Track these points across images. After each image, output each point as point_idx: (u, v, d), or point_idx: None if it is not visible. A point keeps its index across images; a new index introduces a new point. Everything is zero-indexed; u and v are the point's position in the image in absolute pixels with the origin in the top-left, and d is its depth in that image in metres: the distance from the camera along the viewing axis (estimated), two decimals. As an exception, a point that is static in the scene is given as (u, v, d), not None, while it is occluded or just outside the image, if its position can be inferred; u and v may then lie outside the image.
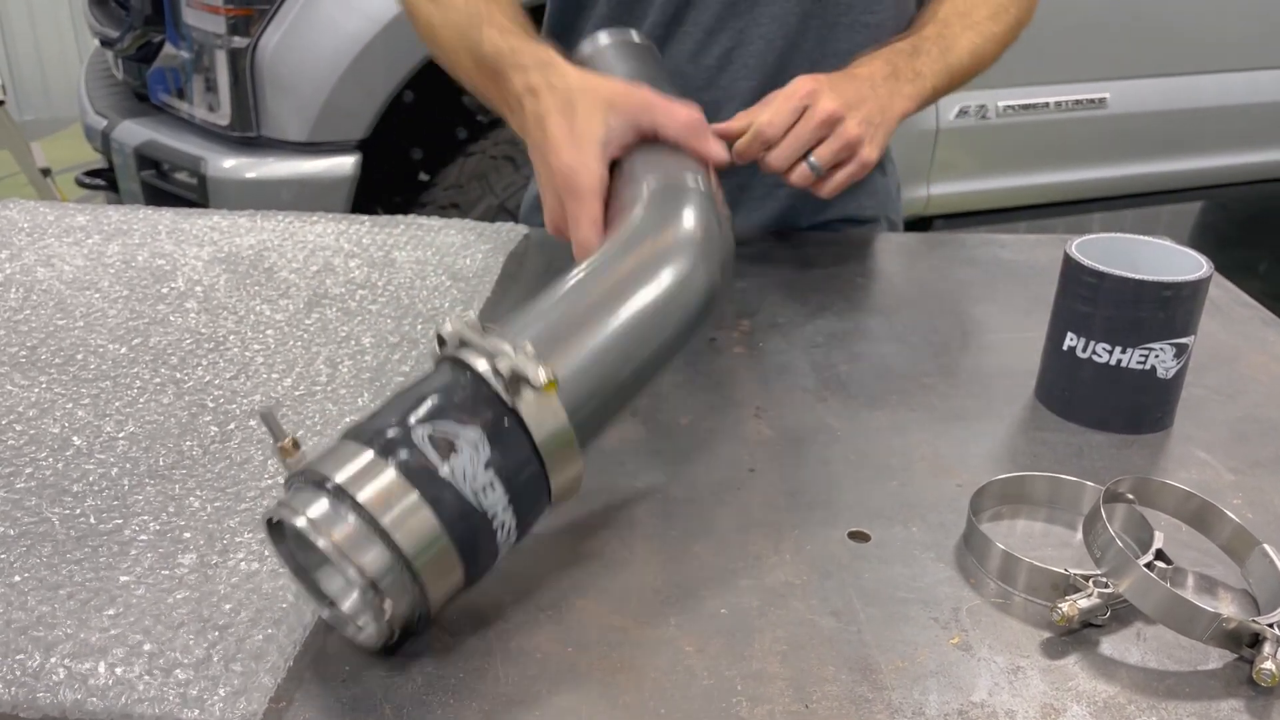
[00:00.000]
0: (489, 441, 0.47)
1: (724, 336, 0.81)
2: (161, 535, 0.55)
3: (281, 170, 1.91)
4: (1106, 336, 0.67)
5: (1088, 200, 2.54)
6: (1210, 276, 0.68)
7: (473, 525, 0.47)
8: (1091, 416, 0.69)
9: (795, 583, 0.54)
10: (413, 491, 0.45)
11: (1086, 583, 0.52)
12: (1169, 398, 0.69)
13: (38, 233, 0.92)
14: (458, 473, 0.46)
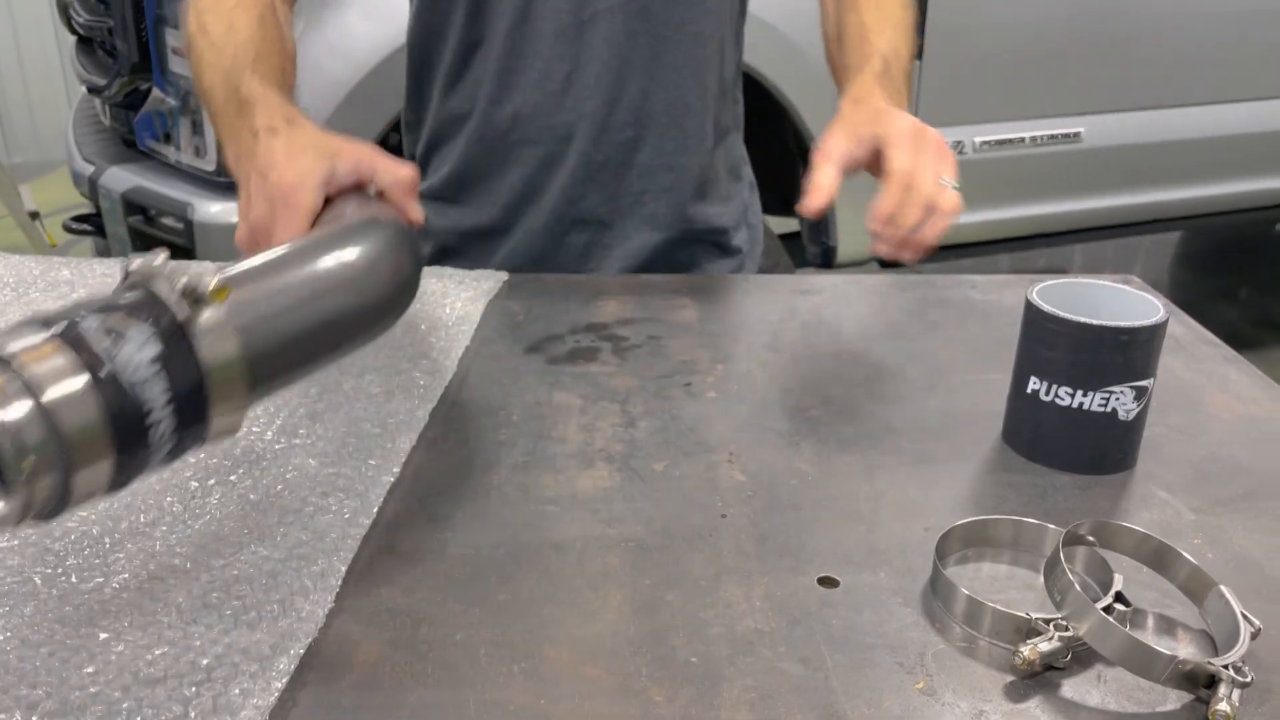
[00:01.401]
0: (157, 341, 0.49)
1: (698, 381, 0.82)
2: (141, 592, 0.56)
3: (267, 214, 1.92)
4: (1068, 380, 0.69)
5: (1065, 233, 2.57)
6: (1166, 321, 0.70)
7: (126, 411, 0.47)
8: (1056, 458, 0.71)
9: (765, 630, 0.55)
10: (76, 361, 0.46)
11: (1048, 626, 0.53)
12: (1130, 439, 0.71)
13: (23, 286, 0.93)
14: (120, 359, 0.47)
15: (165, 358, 0.49)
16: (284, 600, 0.56)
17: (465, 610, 0.56)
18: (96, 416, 0.46)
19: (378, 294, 0.65)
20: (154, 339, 0.49)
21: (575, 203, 1.07)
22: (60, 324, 0.48)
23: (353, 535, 0.61)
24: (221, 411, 0.52)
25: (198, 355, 0.50)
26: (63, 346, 0.47)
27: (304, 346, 0.59)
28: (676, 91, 1.05)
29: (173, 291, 0.50)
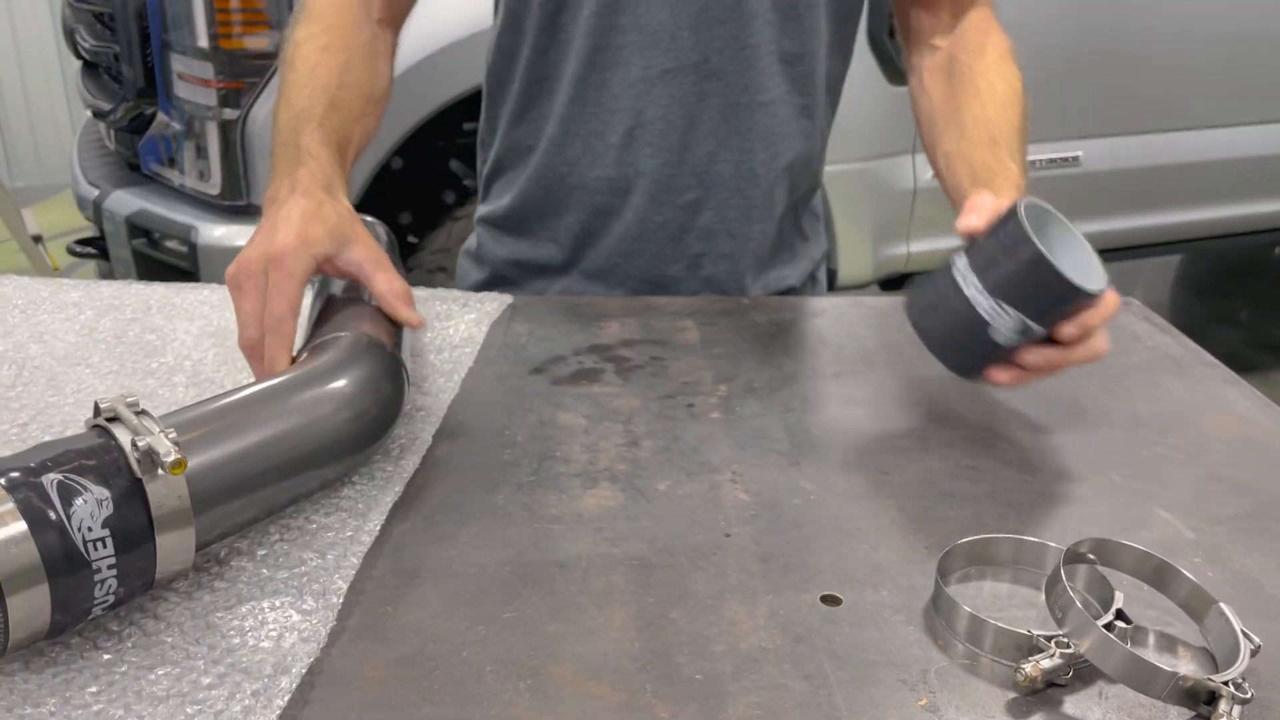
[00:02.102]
0: (112, 503, 0.52)
1: (701, 402, 0.83)
2: (143, 612, 0.56)
3: (271, 238, 1.94)
4: (989, 283, 0.71)
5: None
6: (1099, 294, 0.71)
7: (74, 571, 0.50)
8: (929, 332, 0.75)
9: (769, 647, 0.56)
10: (21, 523, 0.49)
11: (1049, 644, 0.53)
12: (989, 358, 0.74)
13: (31, 308, 0.94)
14: (74, 520, 0.50)
15: (117, 520, 0.52)
16: (286, 619, 0.56)
17: (471, 628, 0.57)
18: (41, 567, 0.49)
19: (347, 453, 0.67)
20: (109, 502, 0.52)
21: (630, 258, 1.05)
22: (12, 474, 0.50)
23: (355, 554, 0.62)
24: (169, 565, 0.55)
25: (150, 519, 0.53)
26: (11, 506, 0.49)
27: (260, 506, 0.62)
28: (744, 159, 1.02)
29: (134, 449, 0.53)
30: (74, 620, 0.52)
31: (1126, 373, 0.88)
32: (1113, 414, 0.82)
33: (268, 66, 1.89)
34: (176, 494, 0.54)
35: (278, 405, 0.63)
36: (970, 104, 0.91)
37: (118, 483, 0.53)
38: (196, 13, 1.85)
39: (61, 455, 0.53)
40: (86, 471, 0.52)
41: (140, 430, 0.54)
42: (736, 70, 0.98)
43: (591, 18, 0.97)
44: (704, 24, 0.96)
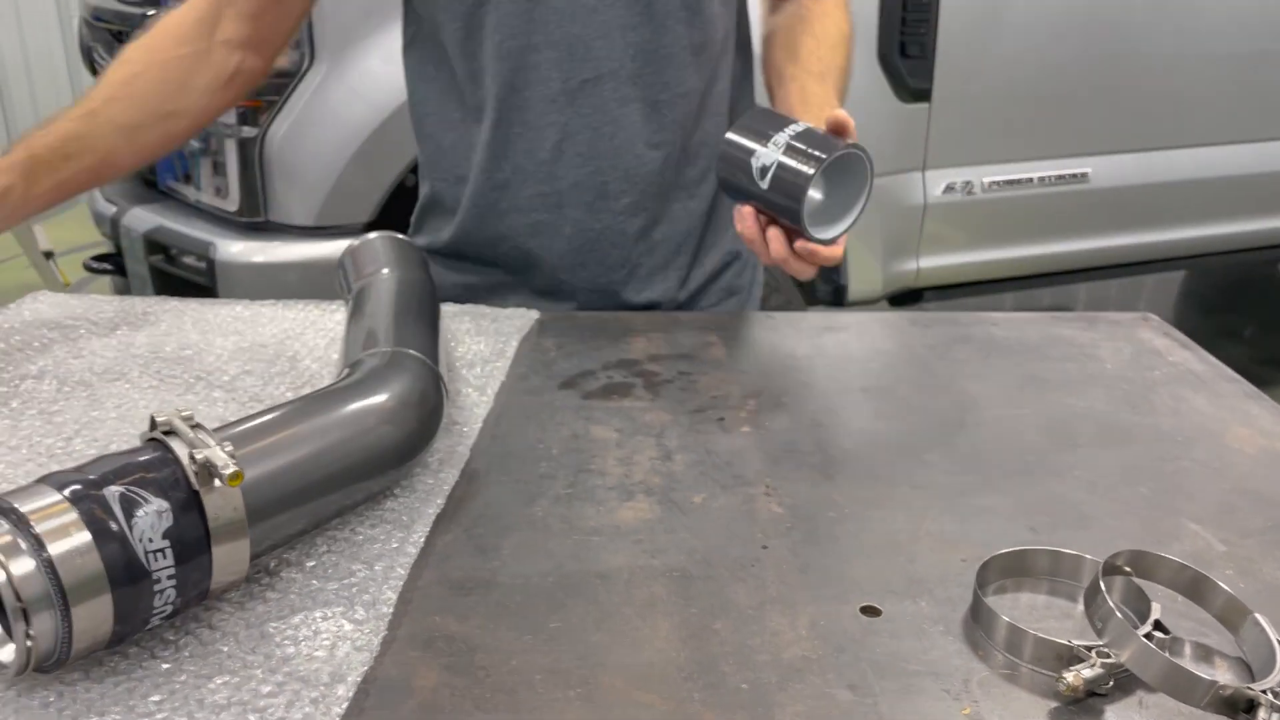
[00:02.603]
0: (171, 515, 0.53)
1: (731, 416, 0.84)
2: (198, 622, 0.57)
3: (289, 254, 1.96)
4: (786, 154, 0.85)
5: (1072, 271, 2.60)
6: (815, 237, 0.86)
7: (136, 581, 0.52)
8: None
9: (812, 657, 0.57)
10: (85, 533, 0.50)
11: (1090, 653, 0.54)
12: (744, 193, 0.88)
13: (66, 325, 0.95)
14: (136, 531, 0.52)
15: (176, 531, 0.53)
16: (338, 629, 0.57)
17: (518, 638, 0.58)
18: (104, 586, 0.50)
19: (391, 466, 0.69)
20: (168, 512, 0.53)
21: (574, 271, 1.07)
22: (76, 486, 0.52)
23: (401, 565, 0.63)
24: (223, 576, 0.56)
25: (207, 530, 0.54)
26: (76, 517, 0.50)
27: (308, 518, 0.63)
28: (671, 152, 1.05)
29: (192, 462, 0.54)
30: (133, 630, 0.53)
31: (1150, 388, 0.89)
32: (1138, 428, 0.83)
33: (286, 85, 1.92)
34: (232, 505, 0.55)
35: (326, 419, 0.64)
36: (806, 42, 1.04)
37: (176, 495, 0.54)
38: (217, 32, 1.87)
39: (122, 468, 0.54)
40: (146, 484, 0.53)
41: (197, 443, 0.55)
42: (654, 70, 1.01)
43: (505, 41, 0.99)
44: (617, 30, 0.99)
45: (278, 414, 0.64)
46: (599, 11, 0.99)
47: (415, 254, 0.94)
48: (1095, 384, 0.90)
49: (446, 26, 1.01)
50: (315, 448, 0.63)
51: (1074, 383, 0.90)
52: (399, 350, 0.74)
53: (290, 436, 0.62)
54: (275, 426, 0.62)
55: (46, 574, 0.49)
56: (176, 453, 0.55)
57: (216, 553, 0.55)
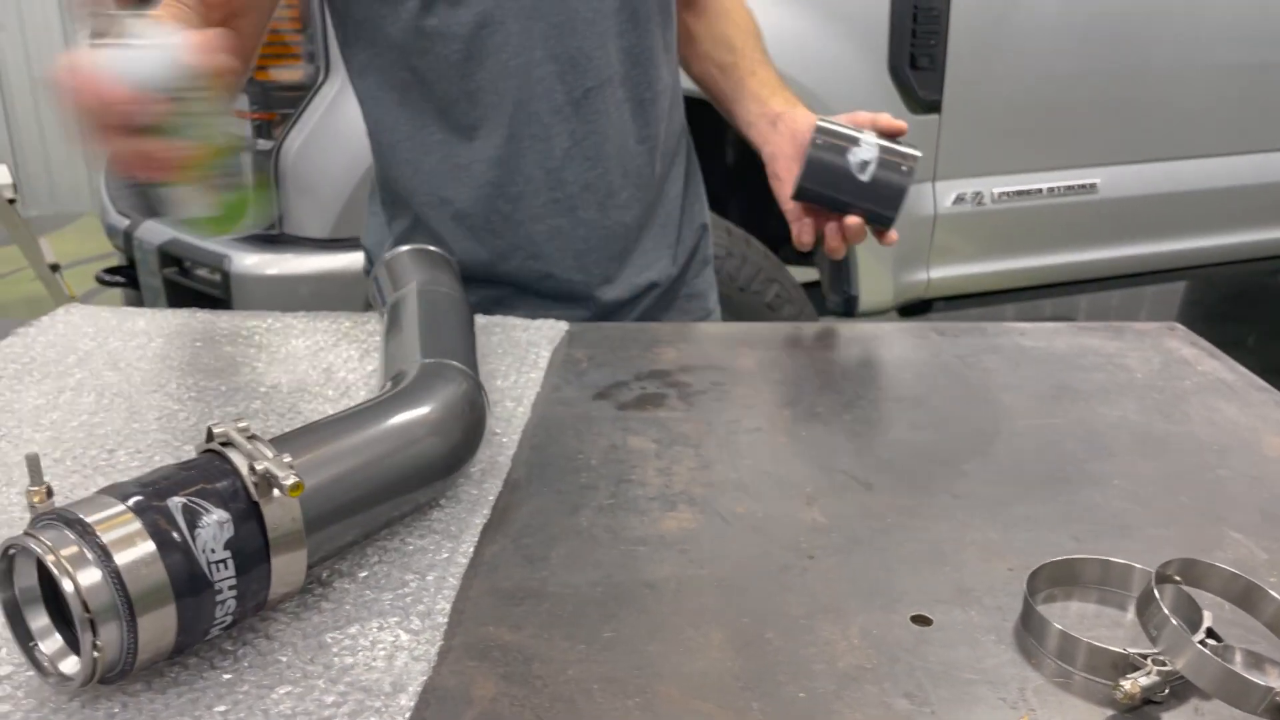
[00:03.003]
0: (233, 526, 0.53)
1: (767, 426, 0.84)
2: (255, 633, 0.57)
3: (303, 266, 1.96)
4: None
5: (1081, 281, 2.61)
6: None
7: (198, 591, 0.52)
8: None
9: (866, 667, 0.57)
10: (150, 544, 0.50)
11: (1145, 661, 0.55)
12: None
13: (101, 336, 0.95)
14: (199, 541, 0.52)
15: (237, 541, 0.53)
16: (395, 639, 0.57)
17: (572, 647, 0.58)
18: (169, 587, 0.51)
19: (439, 476, 0.69)
20: (229, 523, 0.53)
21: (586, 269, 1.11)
22: (139, 497, 0.52)
23: (453, 575, 0.63)
24: (281, 586, 0.56)
25: (267, 541, 0.55)
26: (140, 527, 0.51)
27: (360, 529, 0.63)
28: (657, 146, 1.11)
29: (252, 473, 0.54)
30: (193, 640, 0.54)
31: (1182, 397, 0.90)
32: (1173, 437, 0.83)
33: (301, 98, 1.92)
34: (291, 516, 0.56)
35: (377, 430, 0.65)
36: (734, 34, 1.16)
37: (236, 506, 0.54)
38: (232, 45, 1.88)
39: (183, 479, 0.54)
40: (208, 495, 0.54)
41: (256, 455, 0.55)
42: (640, 71, 1.07)
43: (510, 59, 1.00)
44: (611, 38, 1.04)
45: (328, 425, 0.64)
46: (595, 23, 1.02)
47: (448, 265, 0.95)
48: (1127, 393, 0.91)
49: (434, 51, 1.00)
50: (367, 459, 0.63)
51: (1106, 392, 0.91)
52: (441, 361, 0.74)
53: (342, 448, 0.62)
54: (327, 438, 0.63)
55: (113, 584, 0.49)
56: (235, 464, 0.55)
57: (275, 563, 0.55)
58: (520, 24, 0.99)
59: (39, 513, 0.53)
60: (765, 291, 2.12)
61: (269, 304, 1.65)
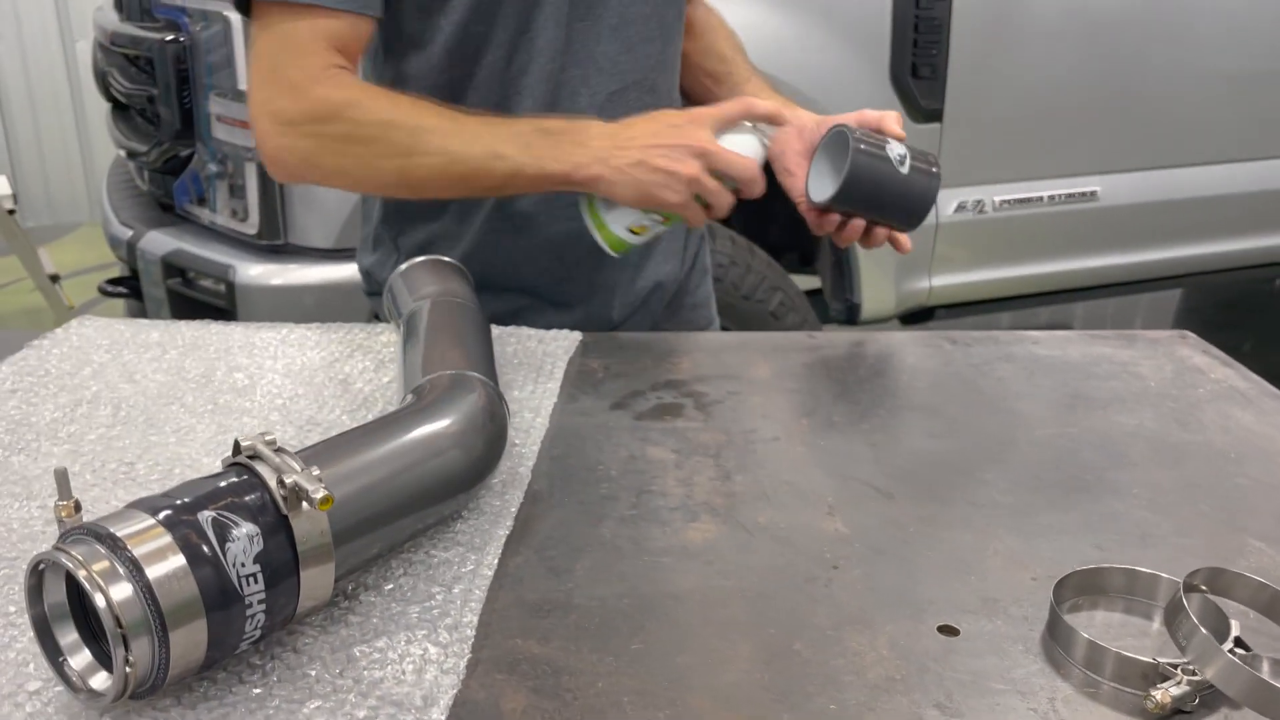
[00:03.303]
0: (261, 539, 0.53)
1: (785, 435, 0.84)
2: (282, 646, 0.57)
3: (308, 277, 1.96)
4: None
5: (1083, 289, 2.61)
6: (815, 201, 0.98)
7: (229, 605, 0.52)
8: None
9: (896, 677, 0.57)
10: (180, 557, 0.50)
11: (1175, 671, 0.55)
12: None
13: (115, 349, 0.95)
14: (229, 555, 0.52)
15: (266, 555, 0.53)
16: (423, 652, 0.57)
17: (601, 660, 0.58)
18: (200, 601, 0.50)
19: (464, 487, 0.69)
20: (259, 537, 0.53)
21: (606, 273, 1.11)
22: (168, 511, 0.52)
23: (479, 587, 0.63)
24: (309, 599, 0.56)
25: (296, 554, 0.54)
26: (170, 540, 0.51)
27: (385, 541, 0.63)
28: None
29: (281, 486, 0.54)
30: (223, 655, 0.53)
31: (1197, 405, 0.90)
32: (1190, 446, 0.83)
33: (305, 108, 1.92)
34: (319, 529, 0.55)
35: (402, 442, 0.65)
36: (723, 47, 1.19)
37: (265, 519, 0.54)
38: (238, 57, 1.89)
39: (211, 493, 0.54)
40: (237, 508, 0.54)
41: (284, 468, 0.55)
42: (665, 77, 1.10)
43: (547, 64, 1.01)
44: (639, 44, 1.05)
45: (353, 438, 0.64)
46: (620, 29, 1.04)
47: (462, 276, 0.95)
48: (1142, 402, 0.91)
49: (479, 60, 1.01)
50: (392, 471, 0.63)
51: (1121, 400, 0.91)
52: (462, 373, 0.74)
53: (368, 460, 0.62)
54: (352, 450, 0.63)
55: (144, 599, 0.49)
56: (264, 477, 0.55)
57: (304, 576, 0.55)
58: (559, 29, 1.01)
59: (68, 527, 0.53)
60: (769, 300, 2.12)
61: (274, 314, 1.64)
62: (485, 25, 1.00)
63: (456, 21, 0.99)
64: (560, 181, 0.94)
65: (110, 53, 2.31)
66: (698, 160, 0.92)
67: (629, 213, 0.97)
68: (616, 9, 1.03)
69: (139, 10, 2.21)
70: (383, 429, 0.66)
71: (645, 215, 0.97)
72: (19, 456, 0.76)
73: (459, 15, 0.99)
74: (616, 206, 0.97)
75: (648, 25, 1.06)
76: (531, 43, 1.00)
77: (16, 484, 0.72)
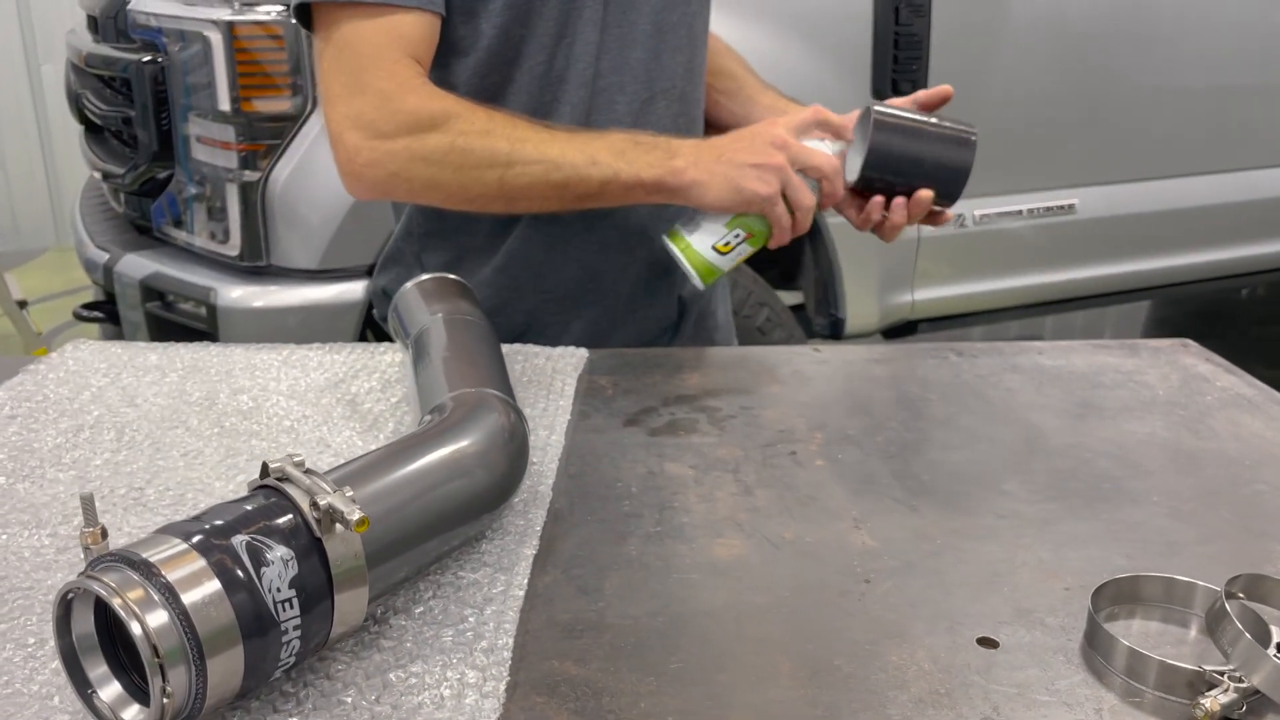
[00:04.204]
0: (296, 563, 0.52)
1: (802, 449, 0.84)
2: (315, 673, 0.56)
3: (290, 298, 1.93)
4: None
5: (1063, 300, 2.64)
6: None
7: (265, 632, 0.50)
8: None
9: (940, 691, 0.56)
10: (215, 583, 0.49)
11: (1221, 678, 0.54)
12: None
13: (113, 372, 0.93)
14: (265, 580, 0.51)
15: (300, 580, 0.52)
16: (461, 676, 0.56)
17: (641, 680, 0.57)
18: (237, 627, 0.49)
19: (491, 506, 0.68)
20: (293, 561, 0.52)
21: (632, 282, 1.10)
22: (200, 535, 0.50)
23: (511, 609, 0.62)
24: (342, 624, 0.55)
25: (330, 578, 0.53)
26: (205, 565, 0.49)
27: (414, 563, 0.62)
28: None
29: (314, 509, 0.53)
30: (258, 684, 0.52)
31: (1206, 412, 0.91)
32: (1204, 453, 0.84)
33: (287, 129, 1.90)
34: (354, 552, 0.54)
35: (429, 461, 0.63)
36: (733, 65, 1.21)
37: (298, 542, 0.53)
38: (219, 78, 1.86)
39: (243, 516, 0.53)
40: (271, 532, 0.52)
41: (316, 490, 0.54)
42: (693, 86, 1.11)
43: (585, 69, 1.02)
44: (668, 53, 1.06)
45: (380, 459, 0.63)
46: (653, 37, 1.04)
47: (469, 294, 0.94)
48: (1151, 410, 0.91)
49: (519, 64, 1.01)
50: (421, 491, 0.62)
51: (1130, 409, 0.91)
52: (482, 391, 0.73)
53: (396, 481, 0.61)
54: (380, 471, 0.61)
55: (181, 626, 0.48)
56: (295, 499, 0.54)
57: (338, 600, 0.54)
58: (595, 34, 1.01)
59: (95, 555, 0.51)
60: (756, 315, 2.12)
61: (256, 337, 1.62)
62: (525, 29, 0.99)
63: (497, 25, 0.99)
64: (654, 188, 0.95)
65: (84, 74, 2.28)
66: (781, 151, 0.94)
67: (714, 229, 0.97)
68: (650, 15, 1.03)
69: (114, 31, 2.18)
70: (409, 449, 0.64)
71: (730, 231, 0.97)
72: (24, 484, 0.74)
73: (499, 18, 0.98)
74: (700, 226, 0.97)
75: (677, 34, 1.07)
76: (570, 47, 1.00)
77: (25, 511, 0.70)
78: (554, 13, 0.99)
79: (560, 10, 0.99)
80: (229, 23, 1.84)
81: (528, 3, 0.98)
